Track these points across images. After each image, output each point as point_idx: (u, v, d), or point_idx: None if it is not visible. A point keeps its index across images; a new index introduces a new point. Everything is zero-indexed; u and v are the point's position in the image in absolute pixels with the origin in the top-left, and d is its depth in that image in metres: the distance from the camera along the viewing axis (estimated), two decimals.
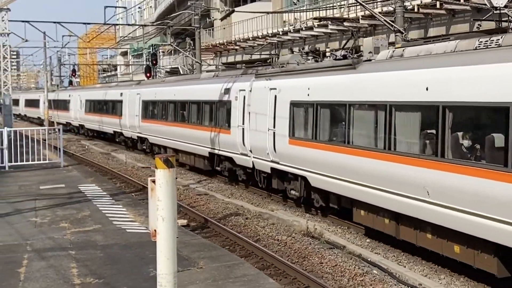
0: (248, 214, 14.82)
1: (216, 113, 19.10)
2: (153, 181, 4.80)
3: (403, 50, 11.31)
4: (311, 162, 13.31)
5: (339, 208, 13.14)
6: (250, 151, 16.49)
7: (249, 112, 16.45)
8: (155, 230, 4.75)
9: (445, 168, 9.32)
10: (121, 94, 30.77)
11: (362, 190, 11.48)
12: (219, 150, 18.63)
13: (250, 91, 16.59)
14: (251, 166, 16.64)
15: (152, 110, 25.98)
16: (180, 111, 22.68)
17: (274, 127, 14.88)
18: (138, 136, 28.35)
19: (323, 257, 10.94)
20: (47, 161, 21.85)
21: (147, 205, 15.10)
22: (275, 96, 14.92)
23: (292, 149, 14.09)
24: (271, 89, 15.30)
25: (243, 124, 16.92)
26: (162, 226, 4.67)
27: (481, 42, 9.41)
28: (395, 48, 11.99)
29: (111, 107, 32.63)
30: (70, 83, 59.40)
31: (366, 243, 12.05)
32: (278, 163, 14.91)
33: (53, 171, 20.57)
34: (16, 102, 73.32)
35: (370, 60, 12.27)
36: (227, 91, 18.13)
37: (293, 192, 14.81)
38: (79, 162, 25.57)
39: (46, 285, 8.31)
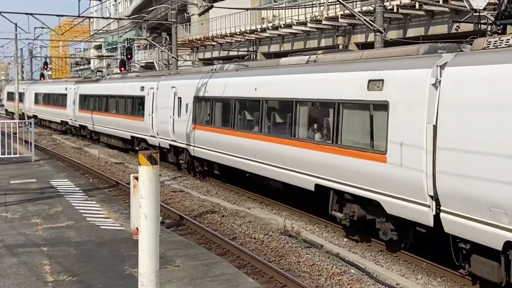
0: (224, 212, 14.66)
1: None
2: (136, 178, 4.62)
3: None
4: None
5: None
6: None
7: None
8: (137, 228, 4.58)
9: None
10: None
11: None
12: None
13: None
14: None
15: None
16: None
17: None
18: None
19: (300, 256, 10.85)
20: (17, 155, 21.38)
21: (122, 201, 14.96)
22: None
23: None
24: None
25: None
26: (144, 224, 4.50)
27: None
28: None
29: (277, 115, 14.50)
30: (42, 76, 58.27)
31: (343, 242, 12.01)
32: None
33: (23, 165, 20.13)
34: (13, 96, 48.72)
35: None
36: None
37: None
38: (50, 156, 25.08)
39: (18, 282, 8.06)
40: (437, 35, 19.16)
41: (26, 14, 27.33)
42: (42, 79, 55.54)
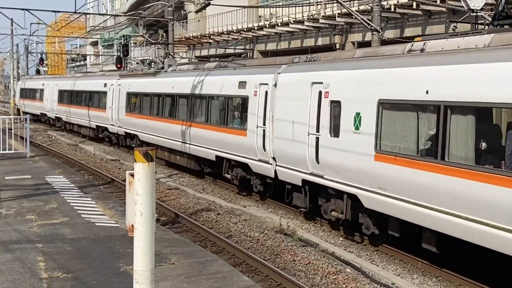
0: (220, 210, 14.64)
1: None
2: (132, 175, 4.59)
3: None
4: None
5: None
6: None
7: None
8: (132, 226, 4.55)
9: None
10: None
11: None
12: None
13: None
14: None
15: None
16: None
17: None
18: None
19: (296, 255, 10.84)
20: (12, 151, 21.29)
21: (117, 198, 14.93)
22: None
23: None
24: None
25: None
26: (140, 221, 4.48)
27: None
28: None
29: None
30: (37, 72, 58.02)
31: (339, 242, 12.00)
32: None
33: (19, 162, 20.06)
34: (30, 93, 42.58)
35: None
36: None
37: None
38: (46, 153, 25.00)
39: (12, 278, 8.02)
40: (434, 34, 19.17)
41: (22, 9, 27.20)
42: (37, 74, 55.22)
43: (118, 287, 7.87)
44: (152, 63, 26.71)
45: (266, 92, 14.20)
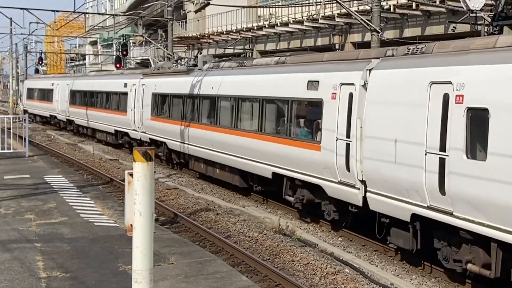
0: (219, 210, 14.63)
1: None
2: (131, 175, 4.59)
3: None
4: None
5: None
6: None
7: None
8: (131, 225, 4.55)
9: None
10: None
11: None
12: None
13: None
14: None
15: None
16: None
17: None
18: None
19: (295, 255, 10.84)
20: (11, 151, 21.29)
21: (116, 198, 14.93)
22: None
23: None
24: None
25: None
26: (139, 220, 4.48)
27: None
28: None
29: None
30: (37, 71, 57.96)
31: (338, 242, 12.01)
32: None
33: (17, 161, 20.06)
34: (38, 94, 40.21)
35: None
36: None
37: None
38: (45, 152, 24.99)
39: (11, 277, 8.02)
40: (433, 35, 19.20)
41: (21, 9, 27.21)
42: (37, 74, 55.12)
43: (116, 287, 7.87)
44: (181, 60, 23.11)
45: (351, 95, 10.93)
